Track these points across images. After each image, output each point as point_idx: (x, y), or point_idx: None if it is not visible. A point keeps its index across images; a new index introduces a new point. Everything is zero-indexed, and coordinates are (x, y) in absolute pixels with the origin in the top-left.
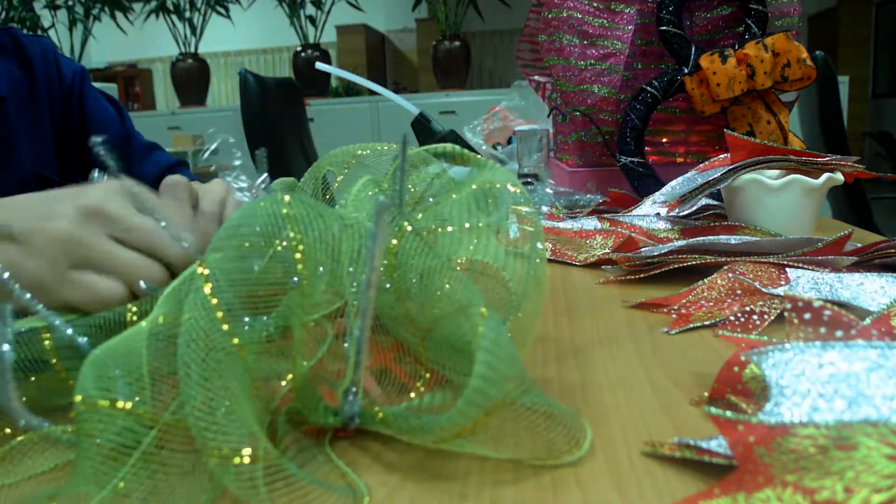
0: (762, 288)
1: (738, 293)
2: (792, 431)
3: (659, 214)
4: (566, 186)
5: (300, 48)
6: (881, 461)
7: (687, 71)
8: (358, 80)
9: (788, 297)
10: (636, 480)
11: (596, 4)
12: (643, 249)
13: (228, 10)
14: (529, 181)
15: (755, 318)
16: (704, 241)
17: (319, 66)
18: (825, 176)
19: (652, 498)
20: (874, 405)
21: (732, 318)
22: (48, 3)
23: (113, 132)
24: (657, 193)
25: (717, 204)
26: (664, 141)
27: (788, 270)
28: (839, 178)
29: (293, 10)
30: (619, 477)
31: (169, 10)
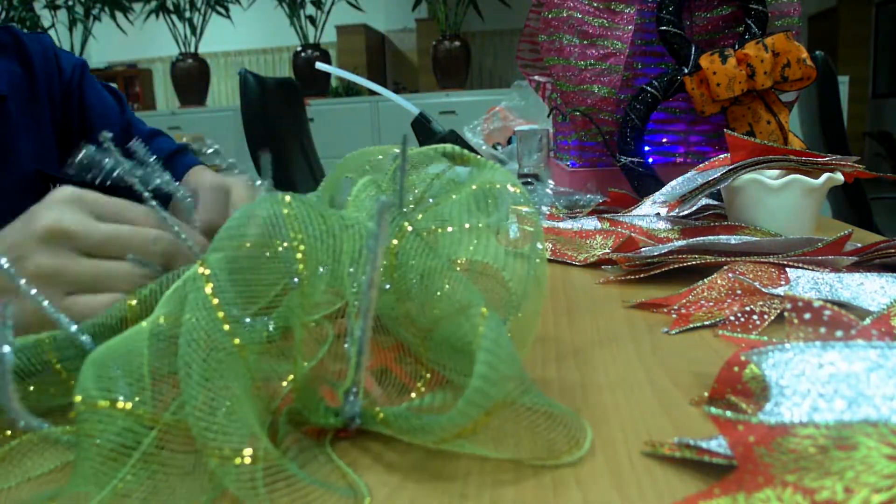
0: (762, 288)
1: (738, 293)
2: (792, 431)
3: (659, 214)
4: (566, 186)
5: (300, 48)
6: (881, 461)
7: (687, 71)
8: (358, 80)
9: (788, 297)
10: (636, 480)
11: (596, 4)
12: (643, 249)
13: (228, 10)
14: (529, 181)
15: (755, 318)
16: (704, 241)
17: (319, 66)
18: (825, 176)
19: (652, 498)
20: (874, 405)
21: (732, 318)
22: (48, 3)
23: (113, 121)
24: (657, 193)
25: (717, 204)
26: (664, 141)
27: (788, 270)
28: (839, 178)
29: (293, 10)
30: (619, 477)
31: (169, 10)
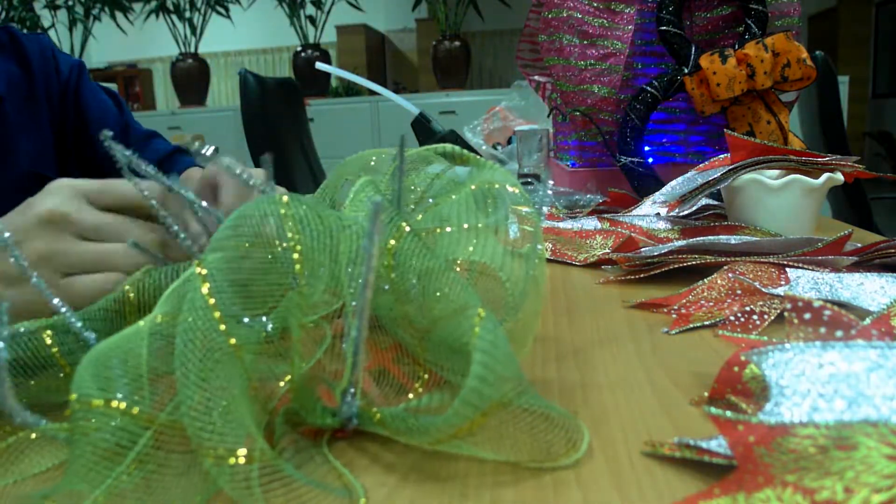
0: (762, 288)
1: (738, 293)
2: (792, 431)
3: (659, 214)
4: (566, 186)
5: (300, 48)
6: (881, 461)
7: (687, 71)
8: (358, 80)
9: (788, 297)
10: (636, 480)
11: (596, 4)
12: (643, 249)
13: (228, 10)
14: (529, 181)
15: (755, 318)
16: (704, 241)
17: (319, 66)
18: (825, 176)
19: (652, 498)
20: (874, 405)
21: (732, 318)
22: (48, 3)
23: (111, 123)
24: (657, 193)
25: (717, 204)
26: (664, 141)
27: (788, 270)
28: (839, 178)
29: (293, 10)
30: (619, 477)
31: (169, 10)
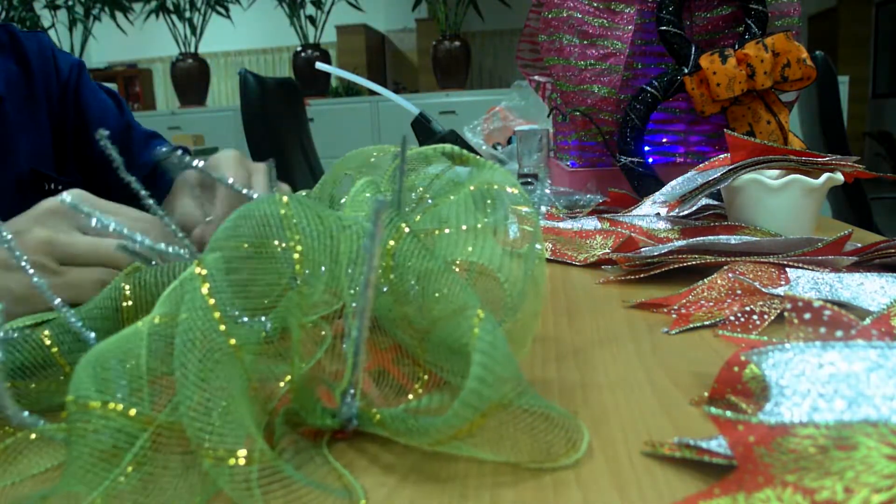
0: (762, 288)
1: (738, 293)
2: (792, 431)
3: (659, 214)
4: (566, 186)
5: (300, 48)
6: (881, 461)
7: (687, 71)
8: (358, 80)
9: (788, 297)
10: (636, 480)
11: (596, 4)
12: (643, 249)
13: (228, 10)
14: (529, 181)
15: (755, 318)
16: (704, 241)
17: (319, 66)
18: (825, 176)
19: (652, 498)
20: (874, 405)
21: (732, 318)
22: (48, 3)
23: (111, 123)
24: (657, 193)
25: (717, 204)
26: (664, 141)
27: (788, 270)
28: (839, 178)
29: (293, 10)
30: (619, 477)
31: (169, 10)
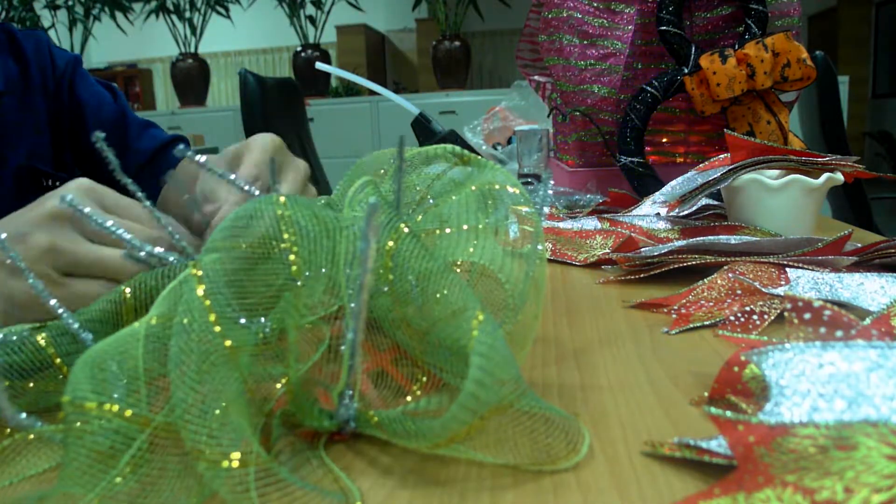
0: (762, 288)
1: (738, 293)
2: (792, 431)
3: (659, 214)
4: (566, 186)
5: (300, 48)
6: (881, 461)
7: (687, 71)
8: (358, 80)
9: (788, 297)
10: (636, 480)
11: (596, 4)
12: (643, 249)
13: (228, 10)
14: (529, 181)
15: (755, 318)
16: (704, 241)
17: (319, 66)
18: (825, 176)
19: (652, 498)
20: (874, 405)
21: (732, 318)
22: (48, 3)
23: (107, 111)
24: (657, 193)
25: (717, 204)
26: (664, 141)
27: (788, 270)
28: (839, 178)
29: (293, 10)
30: (619, 477)
31: (169, 10)
